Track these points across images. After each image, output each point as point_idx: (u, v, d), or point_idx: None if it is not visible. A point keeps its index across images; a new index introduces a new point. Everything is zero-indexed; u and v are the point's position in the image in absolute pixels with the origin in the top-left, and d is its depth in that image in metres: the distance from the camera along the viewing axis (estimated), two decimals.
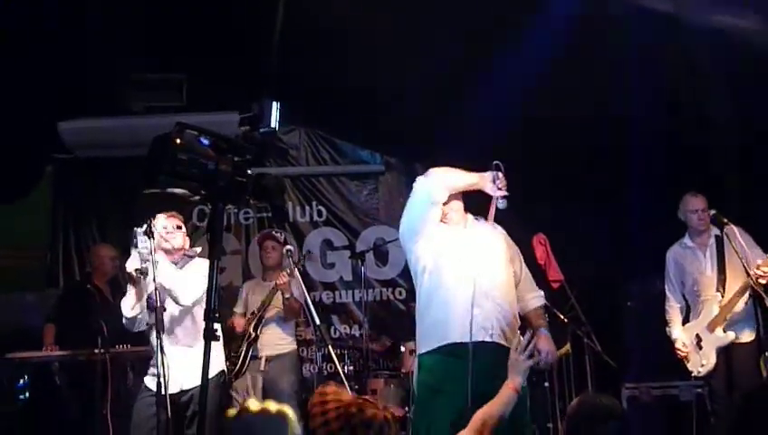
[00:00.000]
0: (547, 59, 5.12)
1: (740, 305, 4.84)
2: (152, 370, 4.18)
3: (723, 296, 4.90)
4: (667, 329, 5.22)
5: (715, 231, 5.02)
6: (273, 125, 5.52)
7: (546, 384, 5.81)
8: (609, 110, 5.46)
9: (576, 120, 5.64)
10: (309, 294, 4.90)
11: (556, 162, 6.13)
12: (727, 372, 4.85)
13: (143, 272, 3.99)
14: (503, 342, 3.74)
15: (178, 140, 1.57)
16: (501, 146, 6.11)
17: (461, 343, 3.70)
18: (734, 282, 4.86)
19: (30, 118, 6.28)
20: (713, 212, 4.89)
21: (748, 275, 4.66)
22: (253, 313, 5.81)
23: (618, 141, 5.63)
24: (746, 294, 4.78)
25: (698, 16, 4.61)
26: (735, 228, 4.79)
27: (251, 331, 5.74)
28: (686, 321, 5.19)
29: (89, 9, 5.52)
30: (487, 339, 3.72)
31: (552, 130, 5.86)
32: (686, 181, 5.44)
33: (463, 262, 3.82)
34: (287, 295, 5.57)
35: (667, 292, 5.26)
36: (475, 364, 3.67)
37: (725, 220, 4.79)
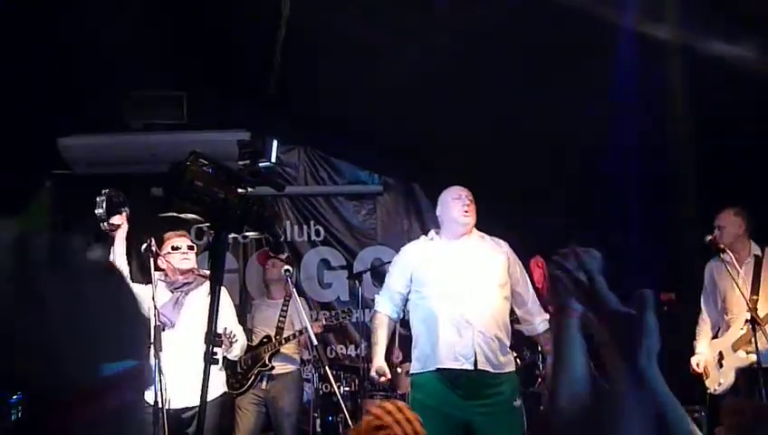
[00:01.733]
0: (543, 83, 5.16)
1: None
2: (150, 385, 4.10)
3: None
4: (695, 342, 5.06)
5: (756, 250, 4.89)
6: (272, 160, 5.64)
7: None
8: (608, 136, 5.48)
9: (576, 147, 5.68)
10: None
11: (554, 184, 6.16)
12: (749, 394, 4.66)
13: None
14: (487, 368, 3.87)
15: (193, 168, 1.60)
16: (499, 167, 6.17)
17: (445, 368, 3.87)
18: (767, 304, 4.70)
19: (30, 133, 6.30)
20: (708, 238, 4.82)
21: None
22: (268, 337, 5.81)
23: (616, 168, 5.65)
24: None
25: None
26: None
27: (266, 360, 5.75)
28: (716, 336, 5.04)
29: (90, 26, 5.55)
30: (467, 366, 3.82)
31: (550, 155, 5.89)
32: (687, 205, 5.45)
33: (448, 290, 3.96)
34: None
35: (702, 304, 5.10)
36: (456, 390, 3.85)
37: (722, 247, 4.74)
